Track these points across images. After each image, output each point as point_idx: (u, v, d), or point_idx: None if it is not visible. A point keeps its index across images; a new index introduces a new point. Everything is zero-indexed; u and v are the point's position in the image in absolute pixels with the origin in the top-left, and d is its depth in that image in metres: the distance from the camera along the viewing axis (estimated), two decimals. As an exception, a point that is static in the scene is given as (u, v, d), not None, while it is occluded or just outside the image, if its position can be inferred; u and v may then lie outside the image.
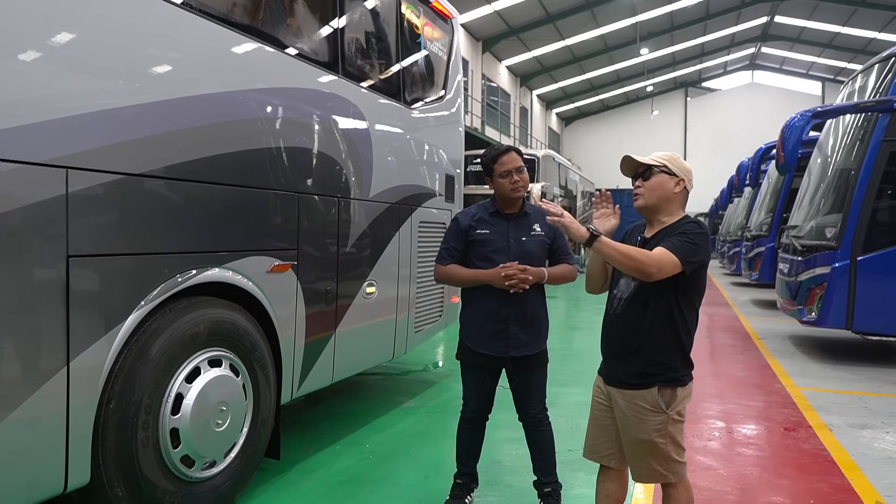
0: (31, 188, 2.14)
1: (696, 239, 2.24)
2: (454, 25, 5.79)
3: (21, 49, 2.12)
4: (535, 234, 3.00)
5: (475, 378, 3.10)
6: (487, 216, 3.05)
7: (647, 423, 2.27)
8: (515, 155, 3.01)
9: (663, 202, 2.34)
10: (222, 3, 3.07)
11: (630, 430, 2.31)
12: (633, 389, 2.30)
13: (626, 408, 2.31)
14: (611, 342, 2.42)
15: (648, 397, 2.27)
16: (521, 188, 2.97)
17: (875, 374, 6.42)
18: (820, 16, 27.06)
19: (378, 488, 3.42)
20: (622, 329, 2.35)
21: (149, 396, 2.58)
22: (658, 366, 2.28)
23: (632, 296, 2.32)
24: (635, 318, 2.31)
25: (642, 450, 2.30)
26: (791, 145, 6.77)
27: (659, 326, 2.28)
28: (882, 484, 3.57)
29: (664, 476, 2.31)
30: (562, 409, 4.85)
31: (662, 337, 2.28)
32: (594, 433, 2.49)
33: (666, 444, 2.27)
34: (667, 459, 2.28)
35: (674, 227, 2.32)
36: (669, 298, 2.27)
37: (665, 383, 2.27)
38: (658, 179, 2.33)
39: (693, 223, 2.31)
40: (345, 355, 4.06)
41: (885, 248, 6.51)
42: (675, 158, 2.40)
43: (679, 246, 2.21)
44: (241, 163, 3.09)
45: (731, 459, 3.96)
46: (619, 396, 2.34)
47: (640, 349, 2.29)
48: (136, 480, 2.54)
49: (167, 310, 2.69)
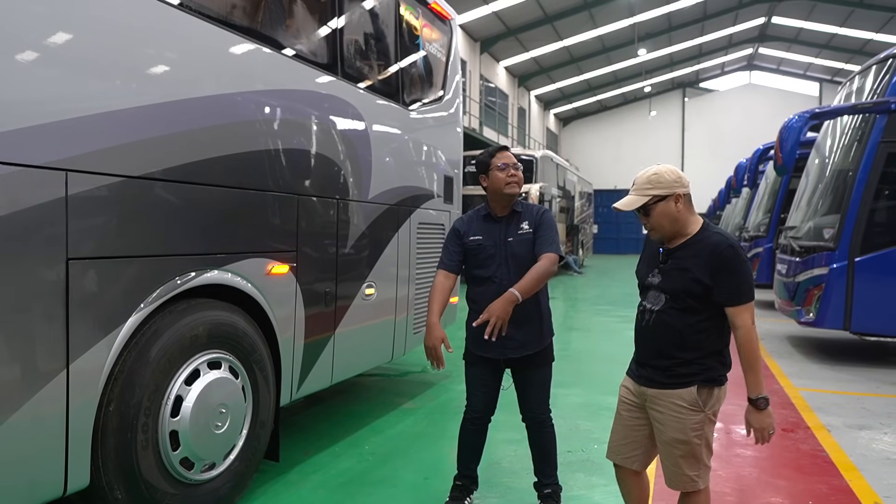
0: (30, 191, 2.14)
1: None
2: (453, 26, 5.80)
3: (19, 52, 2.12)
4: (521, 232, 2.98)
5: (478, 379, 3.10)
6: (480, 221, 3.06)
7: (684, 422, 2.26)
8: (510, 152, 3.06)
9: (675, 224, 2.30)
10: (221, 4, 3.07)
11: (667, 429, 2.30)
12: (672, 388, 2.30)
13: (663, 407, 2.31)
14: (646, 349, 2.41)
15: (687, 396, 2.27)
16: (515, 184, 2.98)
17: (873, 375, 6.43)
18: (817, 17, 27.07)
19: (377, 490, 3.42)
20: (657, 337, 2.34)
21: (148, 399, 2.58)
22: (696, 366, 2.28)
23: (664, 307, 2.32)
24: (670, 326, 2.30)
25: (676, 451, 2.29)
26: (789, 146, 6.78)
27: (694, 332, 2.28)
28: (881, 485, 3.58)
29: (695, 483, 2.30)
30: (561, 410, 4.83)
31: (698, 341, 2.28)
32: (620, 434, 2.49)
33: (700, 444, 2.27)
34: (698, 462, 2.29)
35: (698, 240, 2.29)
36: (707, 313, 2.27)
37: (703, 382, 2.28)
38: (658, 210, 2.28)
39: (723, 242, 2.26)
40: (344, 357, 4.05)
41: (882, 248, 6.52)
42: (659, 177, 2.29)
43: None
44: (240, 165, 3.09)
45: (730, 460, 3.96)
46: (657, 396, 2.34)
47: (676, 354, 2.30)
48: (135, 483, 2.53)
49: (166, 312, 2.69)
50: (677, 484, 2.34)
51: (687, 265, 2.26)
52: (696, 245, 2.28)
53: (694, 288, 2.24)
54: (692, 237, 2.30)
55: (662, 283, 2.33)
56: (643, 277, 2.45)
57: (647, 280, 2.41)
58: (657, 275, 2.36)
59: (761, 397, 2.23)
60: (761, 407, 2.23)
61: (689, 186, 2.33)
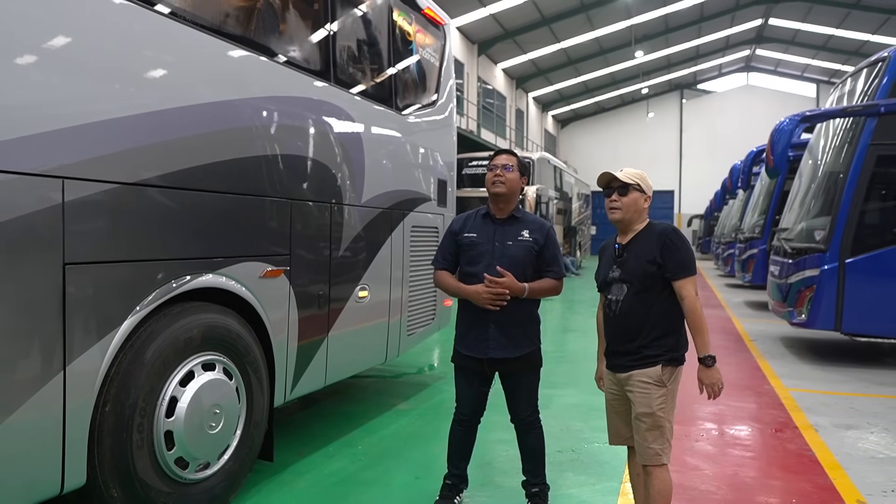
0: (28, 198, 2.20)
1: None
2: (446, 31, 5.86)
3: (18, 62, 2.18)
4: (522, 239, 3.06)
5: (466, 380, 3.17)
6: (479, 220, 3.15)
7: (650, 396, 2.60)
8: (508, 156, 3.15)
9: (636, 215, 2.73)
10: (216, 14, 3.14)
11: (637, 406, 2.63)
12: (641, 368, 2.63)
13: (633, 386, 2.64)
14: (617, 337, 2.73)
15: (653, 374, 2.61)
16: (501, 183, 3.07)
17: (863, 375, 6.50)
18: (814, 18, 27.19)
19: (370, 489, 3.49)
20: (625, 325, 2.68)
21: (144, 400, 2.64)
22: (659, 347, 2.63)
23: (628, 297, 2.67)
24: (635, 314, 2.65)
25: (643, 425, 2.61)
26: (780, 149, 6.86)
27: (656, 317, 2.63)
28: (864, 483, 3.64)
29: (658, 456, 2.61)
30: (554, 410, 4.91)
31: (661, 325, 2.63)
32: (614, 420, 2.83)
33: (664, 418, 2.60)
34: (662, 436, 2.60)
35: (647, 231, 2.71)
36: (662, 293, 2.63)
37: (667, 362, 2.62)
38: (633, 196, 2.70)
39: (667, 227, 2.70)
40: (337, 358, 4.12)
41: (872, 250, 6.59)
42: (643, 176, 2.76)
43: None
44: (234, 170, 3.15)
45: (717, 460, 4.03)
46: (629, 378, 2.66)
47: (643, 338, 2.64)
48: (131, 482, 2.60)
49: (162, 315, 2.75)
50: (644, 458, 2.65)
51: (640, 250, 2.66)
52: (646, 233, 2.71)
53: (648, 268, 2.62)
54: (642, 230, 2.73)
55: (623, 274, 2.69)
56: (603, 277, 2.79)
57: (607, 277, 2.76)
58: (616, 269, 2.72)
59: (708, 356, 2.58)
60: (709, 364, 2.58)
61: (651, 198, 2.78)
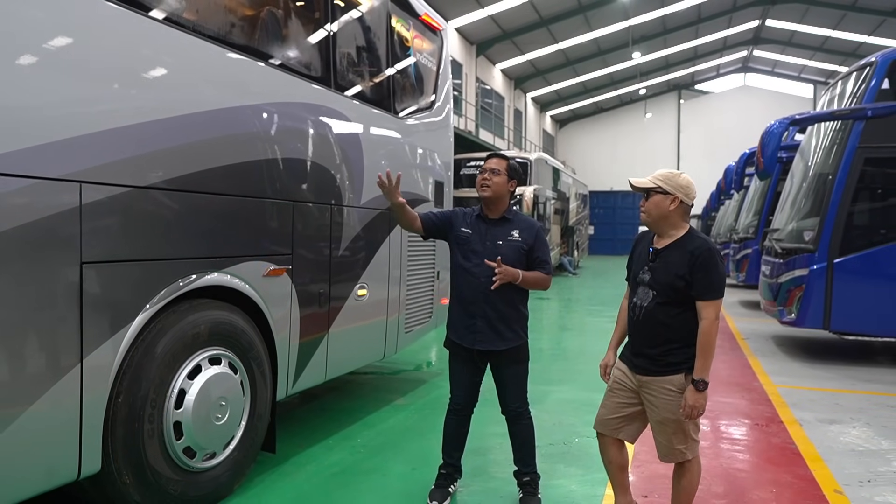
0: (48, 201, 2.35)
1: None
2: (443, 36, 6.00)
3: (43, 85, 2.33)
4: (511, 239, 3.21)
5: (458, 369, 3.32)
6: (474, 218, 3.31)
7: (674, 403, 2.63)
8: (498, 160, 3.30)
9: (662, 219, 2.69)
10: (224, 25, 3.28)
11: (660, 411, 2.67)
12: (663, 375, 2.66)
13: (656, 391, 2.68)
14: (639, 341, 2.76)
15: (676, 382, 2.64)
16: (486, 187, 3.22)
17: (850, 373, 6.66)
18: (811, 20, 27.33)
19: (368, 479, 3.63)
20: (648, 331, 2.71)
21: (154, 392, 2.79)
22: (681, 354, 2.64)
23: (652, 304, 2.68)
24: (657, 323, 2.67)
25: (668, 429, 2.67)
26: (770, 151, 7.00)
27: (677, 329, 2.65)
28: (842, 474, 3.79)
29: (683, 454, 2.69)
30: (548, 406, 5.06)
31: (683, 333, 2.64)
32: (610, 409, 2.85)
33: (688, 422, 2.64)
34: (686, 437, 2.67)
35: (683, 243, 2.66)
36: (687, 308, 2.63)
37: (690, 370, 2.62)
38: (654, 199, 2.68)
39: (703, 245, 2.63)
40: (337, 354, 4.27)
41: (860, 250, 6.76)
42: (671, 177, 2.68)
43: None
44: (239, 174, 3.30)
45: (702, 453, 4.15)
46: (650, 382, 2.70)
47: (665, 345, 2.66)
48: (142, 469, 2.75)
49: (171, 311, 2.90)
50: (669, 457, 2.73)
51: (672, 262, 2.63)
52: (681, 246, 2.66)
53: (677, 283, 2.61)
54: (678, 239, 2.68)
55: (651, 279, 2.69)
56: (636, 273, 2.79)
57: (638, 276, 2.75)
58: (647, 272, 2.72)
59: (701, 380, 2.58)
60: (700, 389, 2.58)
61: (692, 200, 2.70)
